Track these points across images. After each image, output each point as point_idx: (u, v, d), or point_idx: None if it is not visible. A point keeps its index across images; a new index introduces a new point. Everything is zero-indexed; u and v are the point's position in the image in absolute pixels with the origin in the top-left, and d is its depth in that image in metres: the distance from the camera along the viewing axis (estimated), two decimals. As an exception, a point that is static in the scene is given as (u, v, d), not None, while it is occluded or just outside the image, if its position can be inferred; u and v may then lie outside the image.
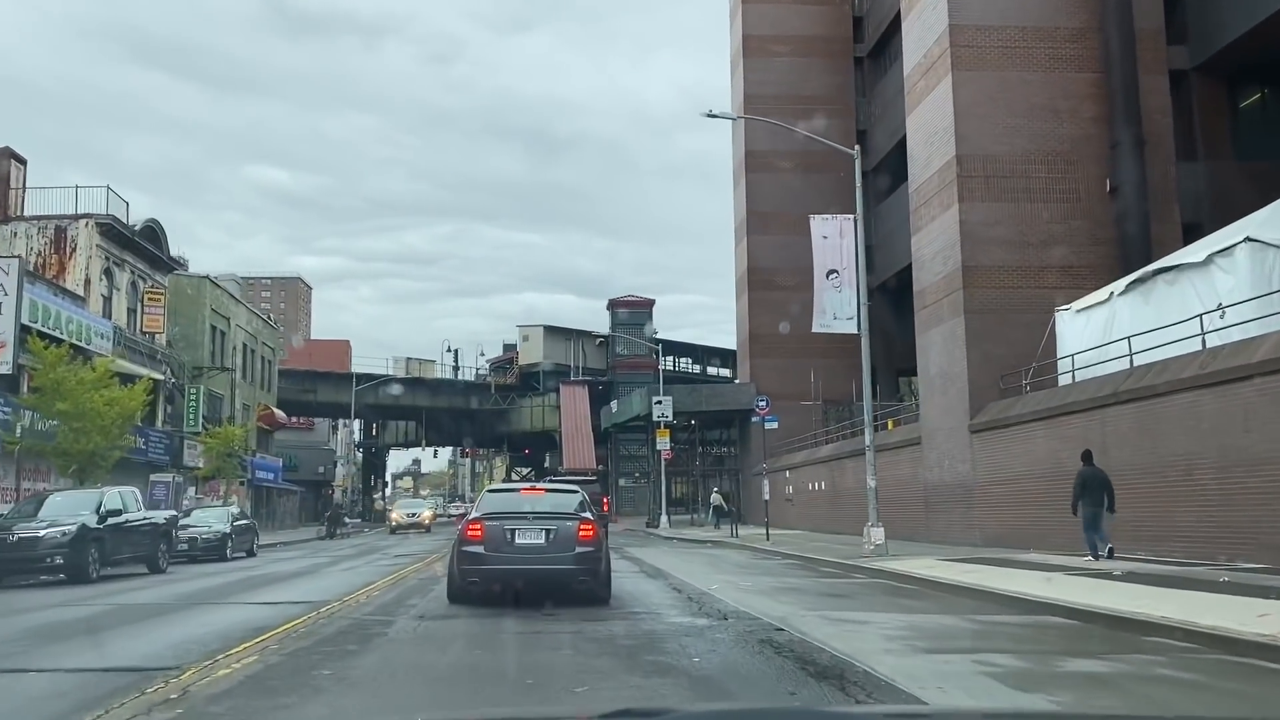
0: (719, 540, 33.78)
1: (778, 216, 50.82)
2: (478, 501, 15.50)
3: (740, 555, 26.24)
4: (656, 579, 17.37)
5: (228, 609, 13.41)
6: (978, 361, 25.08)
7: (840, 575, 18.64)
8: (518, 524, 13.25)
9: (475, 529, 13.30)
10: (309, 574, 20.25)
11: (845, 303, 21.43)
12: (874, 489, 21.51)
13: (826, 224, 21.89)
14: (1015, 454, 22.64)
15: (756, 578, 17.82)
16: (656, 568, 20.10)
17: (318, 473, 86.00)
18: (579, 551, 12.98)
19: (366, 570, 20.97)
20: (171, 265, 43.58)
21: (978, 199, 25.69)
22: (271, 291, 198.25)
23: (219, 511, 29.83)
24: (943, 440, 26.56)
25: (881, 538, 21.04)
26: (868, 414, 21.64)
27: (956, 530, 25.57)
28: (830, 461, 36.82)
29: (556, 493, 15.73)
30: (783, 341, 49.42)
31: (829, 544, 27.67)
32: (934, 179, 27.11)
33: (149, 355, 41.02)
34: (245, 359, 55.30)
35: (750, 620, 11.09)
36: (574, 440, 69.55)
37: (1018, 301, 25.30)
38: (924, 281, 27.76)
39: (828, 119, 51.95)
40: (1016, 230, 25.59)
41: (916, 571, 17.05)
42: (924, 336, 27.74)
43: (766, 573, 19.53)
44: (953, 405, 25.97)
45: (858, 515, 32.22)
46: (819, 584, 16.72)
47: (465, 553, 13.16)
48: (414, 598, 14.07)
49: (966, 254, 25.43)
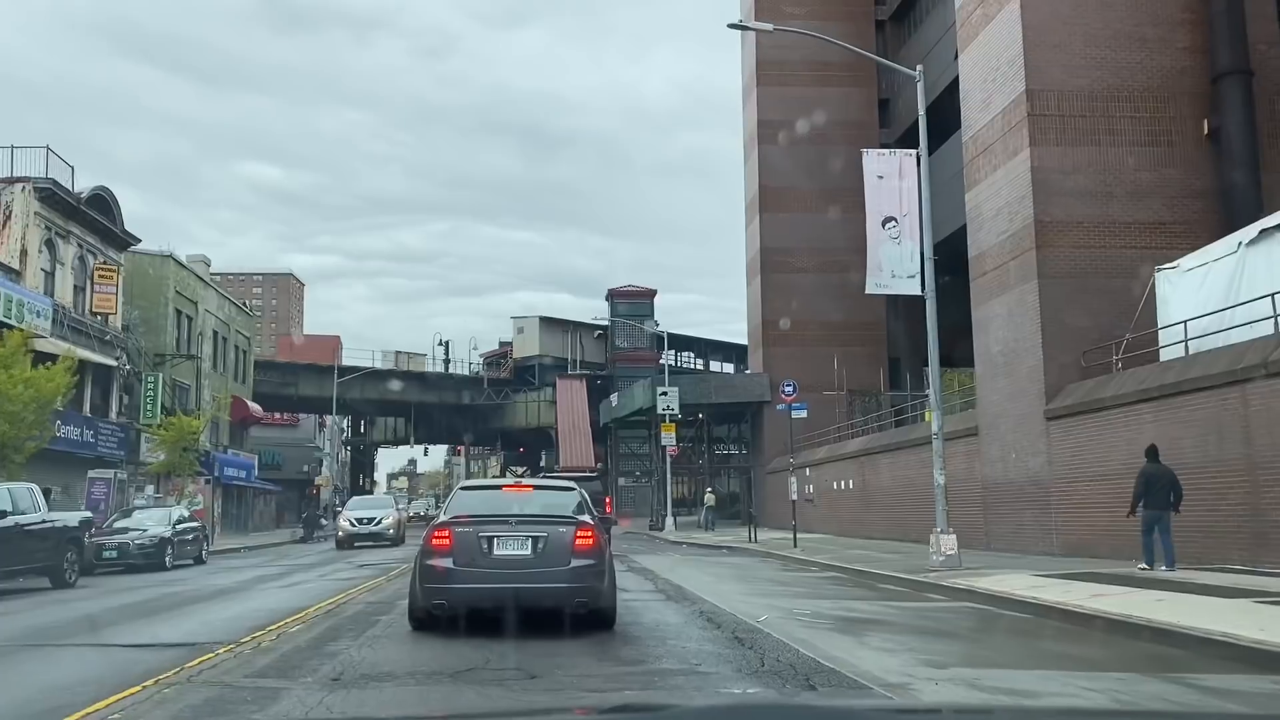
0: (735, 546, 29.67)
1: (792, 193, 46.79)
2: (448, 501, 11.72)
3: (768, 566, 22.11)
4: (679, 602, 13.24)
5: (46, 661, 9.24)
6: (1054, 335, 20.99)
7: (914, 596, 14.51)
8: (497, 530, 10.19)
9: (442, 536, 10.24)
10: (239, 592, 16.12)
11: (906, 257, 17.33)
12: (943, 486, 17.40)
13: (882, 161, 17.77)
14: (1110, 444, 18.53)
15: (809, 601, 13.69)
16: (675, 585, 15.97)
17: (302, 471, 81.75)
18: (576, 565, 10.07)
19: (313, 587, 16.85)
20: (126, 240, 39.35)
21: (1052, 142, 21.59)
22: (263, 288, 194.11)
23: (159, 513, 25.70)
24: (1008, 430, 22.46)
25: (954, 547, 16.94)
26: (934, 393, 17.49)
27: (1027, 536, 21.48)
28: (860, 457, 32.69)
29: (548, 490, 12.20)
30: (799, 328, 45.35)
31: (871, 552, 23.56)
32: (996, 122, 23.01)
33: (99, 338, 36.82)
34: (216, 347, 51.10)
35: (854, 687, 6.96)
36: (571, 437, 65.38)
37: (1100, 263, 21.23)
38: (982, 244, 23.66)
39: (847, 87, 47.98)
40: (1098, 180, 21.50)
41: (1020, 593, 12.94)
42: (982, 309, 23.62)
43: (815, 591, 15.41)
44: (1021, 388, 21.86)
45: (896, 518, 28.26)
46: (899, 612, 12.59)
47: (429, 567, 10.16)
48: (344, 638, 9.94)
49: (1040, 207, 21.33)
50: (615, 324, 74.80)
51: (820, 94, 47.25)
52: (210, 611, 12.72)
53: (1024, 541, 21.54)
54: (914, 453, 27.81)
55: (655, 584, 16.32)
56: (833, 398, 38.97)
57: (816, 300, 45.37)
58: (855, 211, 46.29)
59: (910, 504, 27.74)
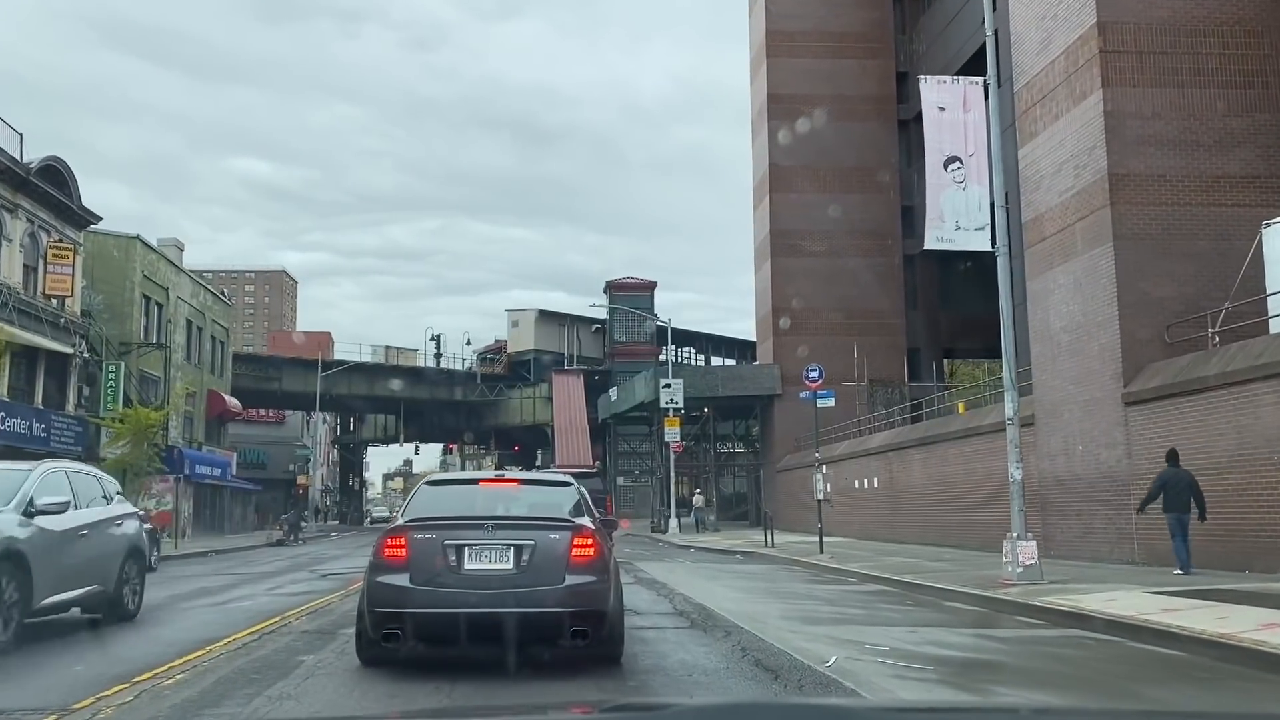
0: (749, 550, 26.63)
1: (804, 171, 43.72)
2: (408, 499, 8.85)
3: (797, 577, 19.04)
4: (708, 632, 10.16)
5: None
6: (1133, 306, 17.94)
7: (1004, 621, 11.43)
8: (470, 536, 7.63)
9: (396, 545, 7.72)
10: (154, 612, 13.03)
11: (974, 205, 14.27)
12: (1020, 482, 14.31)
13: (943, 90, 14.69)
14: (1215, 430, 15.48)
15: (874, 629, 10.61)
16: (696, 603, 12.89)
17: (288, 470, 78.70)
18: (572, 583, 7.54)
19: (250, 605, 13.81)
20: (85, 218, 36.19)
21: (1128, 83, 18.55)
22: (255, 285, 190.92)
23: (99, 514, 22.50)
24: (1073, 417, 19.40)
25: (1034, 556, 13.87)
26: (1008, 370, 14.36)
27: (1097, 542, 18.43)
28: (886, 453, 29.62)
29: (538, 486, 9.33)
30: (812, 316, 42.30)
31: (911, 559, 20.50)
32: (1058, 64, 19.94)
33: (52, 323, 33.73)
34: (190, 337, 47.99)
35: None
36: (568, 434, 62.28)
37: (1185, 223, 18.19)
38: (1039, 205, 20.59)
39: (863, 58, 44.94)
40: (1182, 127, 18.46)
41: (1151, 619, 9.89)
42: (1040, 280, 20.56)
43: (873, 614, 12.34)
44: (1091, 369, 18.81)
45: (932, 520, 25.16)
46: (1005, 647, 9.52)
47: (379, 586, 7.64)
48: (240, 693, 6.86)
49: (1114, 158, 18.28)
50: (614, 318, 71.78)
51: (834, 66, 44.24)
52: (83, 646, 9.61)
53: (1093, 547, 18.49)
54: (953, 447, 24.79)
55: (672, 602, 13.24)
56: (851, 389, 35.86)
57: (830, 286, 42.37)
58: (872, 191, 43.75)
59: (949, 504, 24.71)
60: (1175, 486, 14.48)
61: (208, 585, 17.73)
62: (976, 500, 23.17)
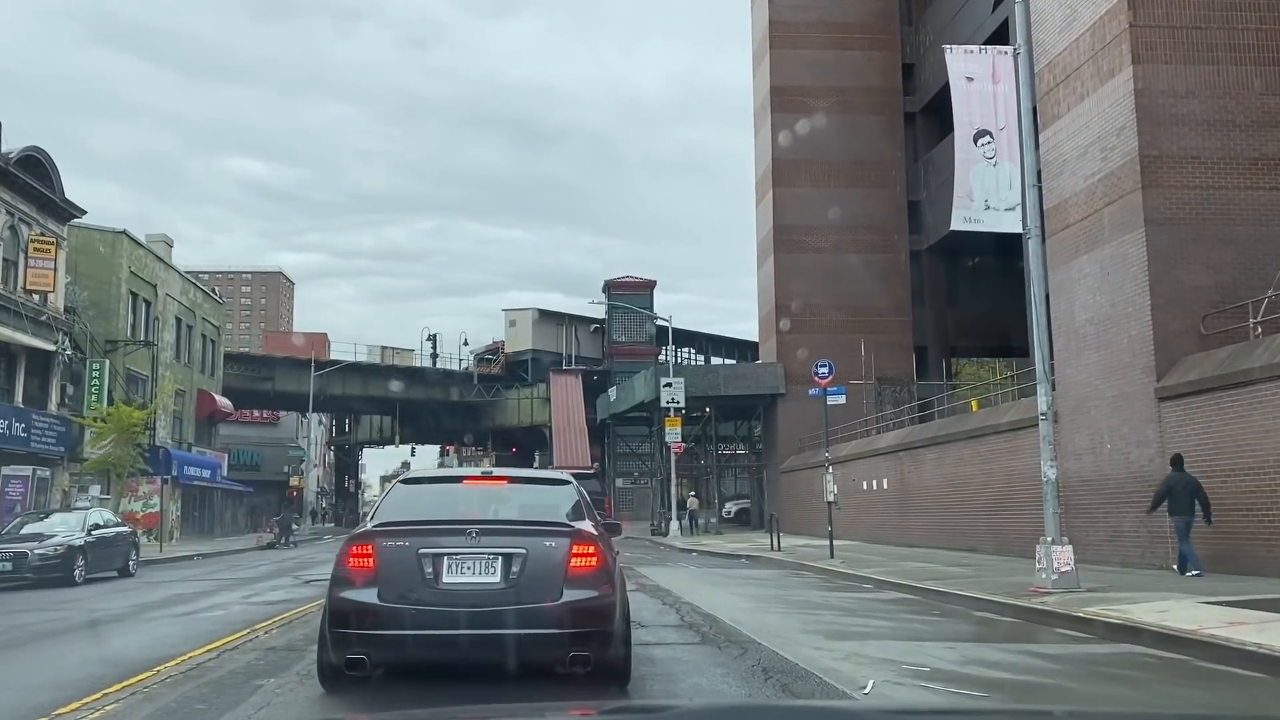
0: (754, 554, 25.56)
1: (808, 165, 42.67)
2: (378, 500, 7.71)
3: (809, 583, 17.96)
4: (723, 648, 9.09)
5: None
6: (1166, 296, 16.88)
7: (1046, 635, 10.36)
8: (449, 544, 6.49)
9: (362, 554, 6.57)
10: (116, 623, 11.94)
11: (1004, 183, 13.19)
12: (1054, 481, 13.23)
13: (971, 60, 13.61)
14: (1260, 427, 14.43)
15: (905, 644, 9.54)
16: (706, 614, 11.80)
17: (282, 472, 77.53)
18: (572, 599, 6.40)
19: (221, 615, 12.71)
20: (68, 211, 35.07)
21: (1160, 59, 17.50)
22: (252, 286, 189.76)
23: (73, 517, 21.53)
24: (1100, 414, 18.34)
25: (1070, 562, 12.80)
26: (1040, 361, 13.27)
27: (1127, 546, 17.37)
28: (897, 453, 28.54)
29: (531, 485, 8.06)
30: (816, 313, 41.26)
31: (928, 564, 19.44)
32: (1083, 41, 18.90)
33: (33, 319, 32.60)
34: (180, 335, 46.84)
35: None
36: (566, 434, 61.16)
37: (1220, 207, 17.15)
38: (1062, 191, 19.53)
39: (868, 50, 43.90)
40: (1217, 106, 17.42)
41: (1217, 634, 8.84)
42: (1063, 270, 19.48)
43: (900, 626, 11.26)
44: (1120, 363, 17.75)
45: (945, 523, 23.96)
46: (1054, 665, 8.45)
47: (343, 602, 6.50)
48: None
49: (1145, 138, 17.23)
50: (613, 317, 70.69)
51: (838, 57, 43.22)
52: (14, 670, 8.50)
53: (1123, 552, 17.44)
54: (968, 446, 23.73)
55: (679, 612, 12.15)
56: (858, 388, 34.75)
57: (835, 283, 41.33)
58: (877, 186, 42.68)
59: (964, 506, 23.65)
60: (1181, 490, 14.71)
61: (182, 592, 16.65)
62: (993, 502, 22.12)
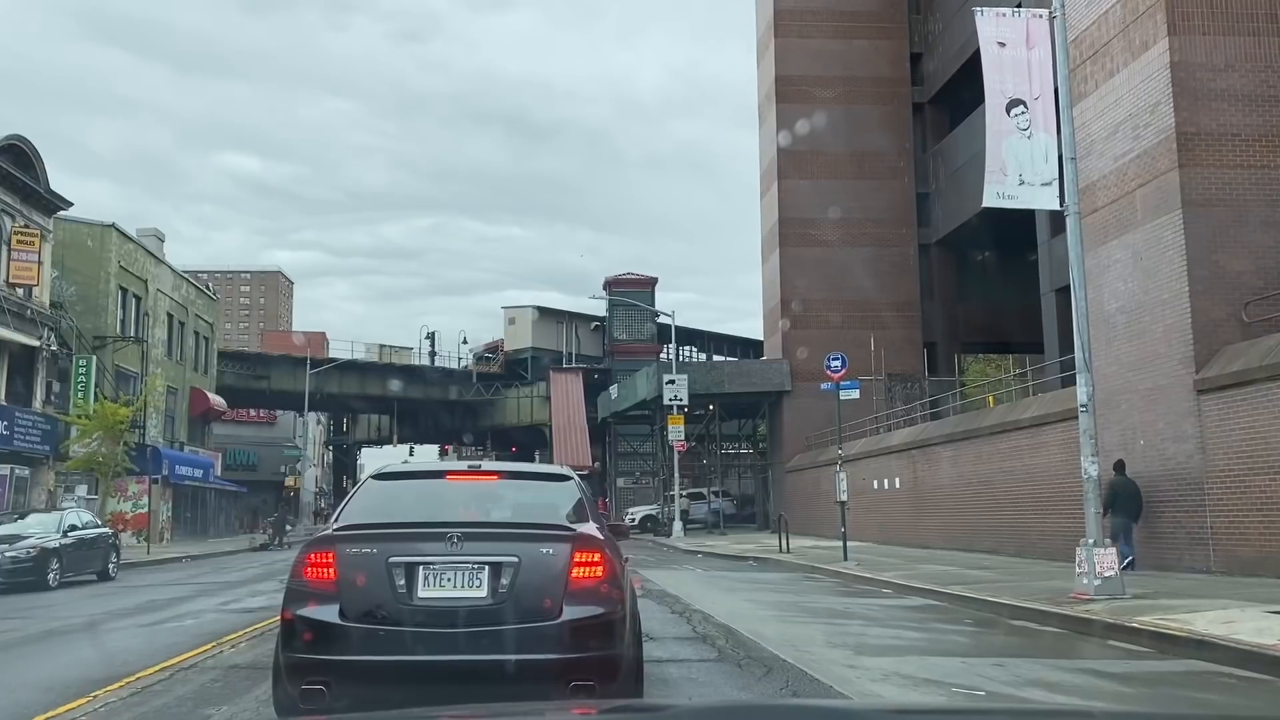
0: (763, 556, 24.56)
1: (814, 156, 41.62)
2: (346, 499, 6.45)
3: (825, 589, 16.93)
4: (743, 667, 8.07)
5: None
6: (1205, 282, 15.86)
7: (1101, 650, 9.34)
8: (426, 551, 5.38)
9: (321, 564, 5.45)
10: (82, 632, 10.92)
11: (1040, 156, 12.16)
12: (1095, 479, 12.18)
13: (1003, 24, 12.59)
14: (1313, 421, 13.41)
15: (946, 661, 8.52)
16: (721, 625, 10.77)
17: (279, 472, 76.48)
18: (573, 617, 5.30)
19: (190, 625, 11.71)
20: (54, 202, 34.06)
21: (1197, 30, 16.48)
22: (251, 285, 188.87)
23: (50, 518, 20.50)
24: (1132, 408, 17.31)
25: (1114, 566, 11.76)
26: (1082, 349, 12.24)
27: (1164, 548, 16.33)
28: (910, 450, 27.52)
29: (525, 481, 6.95)
30: (823, 308, 40.23)
31: (949, 566, 18.40)
32: (1113, 13, 17.87)
33: (17, 314, 31.59)
34: (171, 332, 45.78)
35: None
36: (566, 434, 60.15)
37: (1263, 188, 16.13)
38: (1091, 173, 18.47)
39: (875, 39, 42.88)
40: (1258, 80, 16.40)
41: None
42: (1091, 256, 18.35)
43: (934, 639, 10.24)
44: (1155, 353, 16.72)
45: (963, 523, 22.78)
46: (1123, 686, 7.43)
47: (299, 621, 5.39)
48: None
49: (1182, 115, 16.20)
50: (613, 315, 69.67)
51: (845, 47, 42.20)
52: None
53: (1159, 554, 16.39)
54: (987, 443, 22.69)
55: (690, 622, 11.12)
56: (867, 385, 33.70)
57: (842, 277, 40.26)
58: (885, 176, 41.62)
59: (983, 506, 22.61)
60: (1126, 493, 15.77)
61: (157, 598, 15.63)
62: (1014, 501, 21.09)
